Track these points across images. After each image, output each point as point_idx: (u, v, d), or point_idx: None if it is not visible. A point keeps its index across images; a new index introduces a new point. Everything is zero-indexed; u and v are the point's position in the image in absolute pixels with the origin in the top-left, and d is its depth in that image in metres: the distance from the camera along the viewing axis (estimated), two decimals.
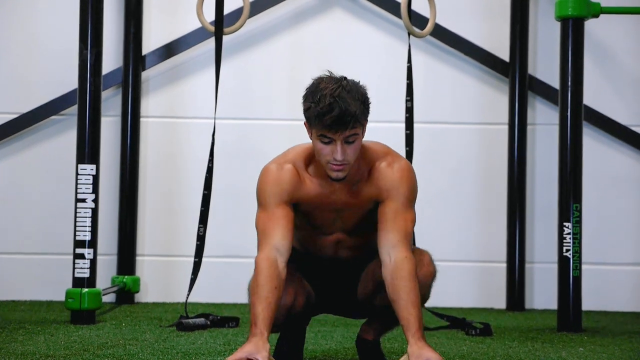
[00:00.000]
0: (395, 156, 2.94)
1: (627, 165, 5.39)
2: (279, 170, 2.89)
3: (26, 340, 3.68)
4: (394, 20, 5.32)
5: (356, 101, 2.75)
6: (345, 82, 2.78)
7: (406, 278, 2.79)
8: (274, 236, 2.82)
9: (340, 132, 2.74)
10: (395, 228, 2.84)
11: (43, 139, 5.35)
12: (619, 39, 5.40)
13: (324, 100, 2.73)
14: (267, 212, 2.86)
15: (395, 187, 2.88)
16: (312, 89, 2.80)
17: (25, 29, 5.37)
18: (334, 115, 2.71)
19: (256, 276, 2.79)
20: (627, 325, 4.69)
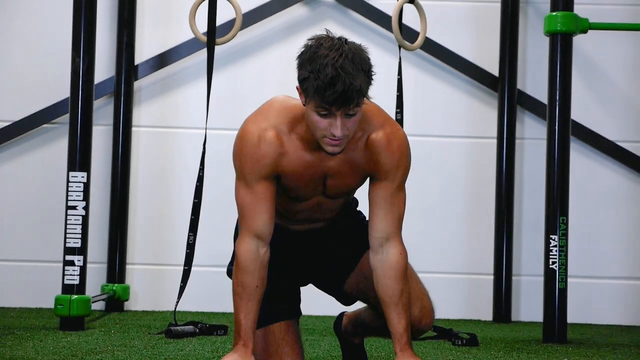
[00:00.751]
0: (392, 125, 2.71)
1: (613, 180, 5.42)
2: (260, 141, 2.63)
3: (15, 345, 3.68)
4: (384, 34, 5.35)
5: (360, 72, 2.48)
6: (347, 48, 2.49)
7: (398, 279, 2.68)
8: (256, 220, 2.66)
9: (342, 109, 2.49)
10: (390, 215, 2.68)
11: (35, 146, 5.36)
12: (608, 55, 5.44)
13: (324, 72, 2.44)
14: (247, 188, 2.66)
15: (393, 168, 2.68)
16: (310, 54, 2.50)
17: (18, 37, 5.39)
18: (337, 91, 2.43)
19: (237, 272, 2.68)
20: (611, 337, 4.71)
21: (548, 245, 4.35)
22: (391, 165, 2.68)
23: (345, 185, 2.75)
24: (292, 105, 2.67)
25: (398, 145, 2.68)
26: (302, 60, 2.52)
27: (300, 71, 2.52)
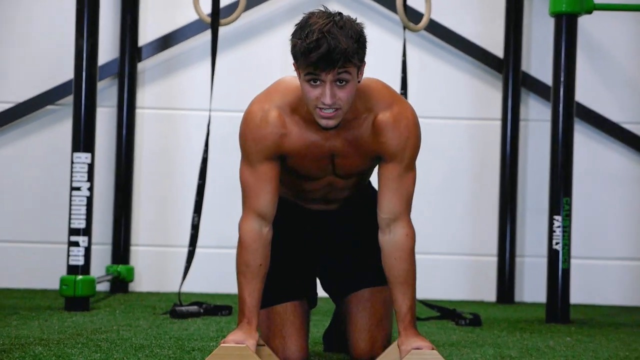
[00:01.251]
0: (400, 105, 2.69)
1: (618, 162, 5.42)
2: (262, 122, 2.65)
3: (20, 325, 3.70)
4: (389, 15, 5.35)
5: (348, 38, 2.47)
6: (339, 18, 2.50)
7: (404, 259, 2.70)
8: (259, 199, 2.68)
9: (328, 71, 2.48)
10: (397, 196, 2.68)
11: (39, 128, 5.37)
12: (613, 36, 5.43)
13: (311, 36, 2.46)
14: (251, 167, 2.68)
15: (400, 150, 2.67)
16: (301, 24, 2.53)
17: (22, 18, 5.39)
18: (321, 52, 2.45)
19: (240, 251, 2.70)
20: (614, 317, 4.73)
21: (551, 227, 4.36)
22: (398, 147, 2.67)
23: (354, 165, 2.75)
24: (297, 85, 2.65)
25: (405, 126, 2.67)
26: (294, 30, 2.56)
27: (291, 40, 2.55)
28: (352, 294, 2.95)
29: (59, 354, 2.97)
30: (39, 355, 2.95)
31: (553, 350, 3.44)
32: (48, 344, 3.20)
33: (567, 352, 3.40)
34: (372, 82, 2.72)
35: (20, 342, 3.22)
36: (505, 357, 3.20)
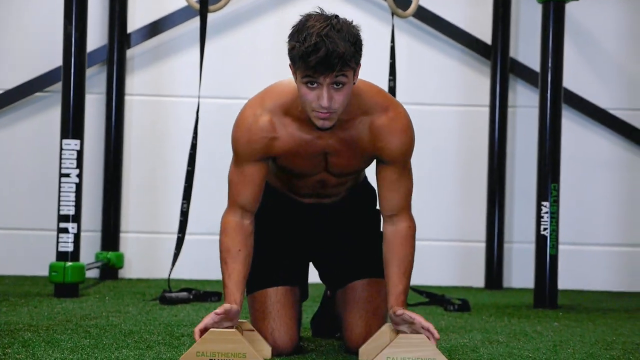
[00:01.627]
0: (395, 109, 2.74)
1: (605, 148, 5.44)
2: (253, 126, 2.70)
3: (10, 311, 3.70)
4: (377, 1, 5.34)
5: (346, 42, 2.50)
6: (336, 21, 2.53)
7: (404, 245, 2.77)
8: (242, 197, 2.76)
9: (326, 75, 2.51)
10: (398, 194, 2.77)
11: (28, 115, 5.36)
12: (600, 23, 5.44)
13: (309, 40, 2.48)
14: (237, 168, 2.76)
15: (399, 153, 2.73)
16: (299, 26, 2.55)
17: (10, 5, 5.37)
18: (319, 56, 2.47)
19: (222, 238, 2.77)
20: (601, 303, 4.74)
21: (539, 212, 4.38)
22: (397, 151, 2.74)
23: (347, 164, 2.80)
24: (291, 88, 2.70)
25: (401, 129, 2.73)
26: (292, 32, 2.57)
27: (289, 42, 2.57)
28: (349, 284, 2.98)
29: (48, 340, 2.98)
30: (28, 341, 2.95)
31: (541, 335, 3.46)
32: (37, 330, 3.20)
33: (555, 337, 3.41)
34: (365, 84, 2.75)
35: (10, 328, 3.22)
36: (493, 342, 3.22)
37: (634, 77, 5.46)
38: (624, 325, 3.83)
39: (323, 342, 3.15)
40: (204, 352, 2.57)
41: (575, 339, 3.36)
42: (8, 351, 2.76)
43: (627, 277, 5.41)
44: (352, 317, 2.93)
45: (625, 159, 5.43)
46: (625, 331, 3.64)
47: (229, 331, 2.60)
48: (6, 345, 2.85)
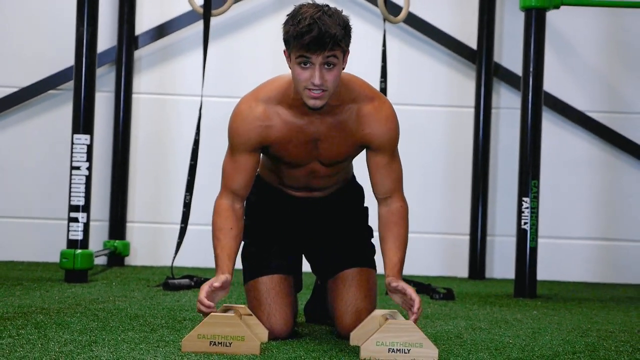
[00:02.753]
0: (380, 98, 2.79)
1: (582, 148, 5.45)
2: (249, 116, 2.73)
3: (23, 295, 3.70)
4: (370, 8, 5.34)
5: (337, 25, 2.56)
6: (327, 8, 2.60)
7: (398, 223, 2.78)
8: (234, 183, 2.78)
9: (318, 53, 2.56)
10: (389, 178, 2.79)
11: (41, 111, 5.36)
12: (579, 30, 5.45)
13: (303, 22, 2.54)
14: (233, 157, 2.78)
15: (385, 140, 2.76)
16: (293, 13, 2.62)
17: (25, 8, 5.36)
18: (313, 35, 2.53)
19: (214, 218, 2.78)
20: (578, 293, 4.76)
21: (520, 207, 4.38)
22: (383, 137, 2.77)
23: (337, 151, 2.79)
24: (283, 81, 2.74)
25: (387, 117, 2.76)
26: (286, 19, 2.63)
27: (284, 27, 2.62)
28: (338, 274, 2.97)
29: (59, 322, 2.98)
30: (40, 323, 2.95)
31: (520, 322, 3.46)
32: (49, 312, 3.20)
33: (534, 324, 3.42)
34: (353, 77, 2.79)
35: (23, 311, 3.22)
36: (476, 329, 3.23)
37: (609, 82, 5.46)
38: (599, 314, 3.84)
39: (316, 328, 3.16)
40: (205, 334, 2.57)
41: (553, 327, 3.36)
42: (22, 332, 2.76)
43: (601, 269, 5.42)
44: (342, 305, 2.93)
45: (601, 158, 5.44)
46: (600, 319, 3.65)
47: (228, 315, 2.60)
48: (20, 327, 2.86)
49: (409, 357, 2.56)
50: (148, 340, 2.72)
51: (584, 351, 2.82)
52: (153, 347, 2.61)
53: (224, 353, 2.54)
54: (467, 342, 2.92)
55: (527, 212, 4.36)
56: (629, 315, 3.85)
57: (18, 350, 2.46)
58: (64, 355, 2.43)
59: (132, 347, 2.58)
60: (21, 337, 2.68)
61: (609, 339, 3.10)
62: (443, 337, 3.00)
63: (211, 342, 2.56)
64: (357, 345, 2.73)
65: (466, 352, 2.73)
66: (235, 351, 2.55)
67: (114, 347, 2.58)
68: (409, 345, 2.57)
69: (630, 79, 5.45)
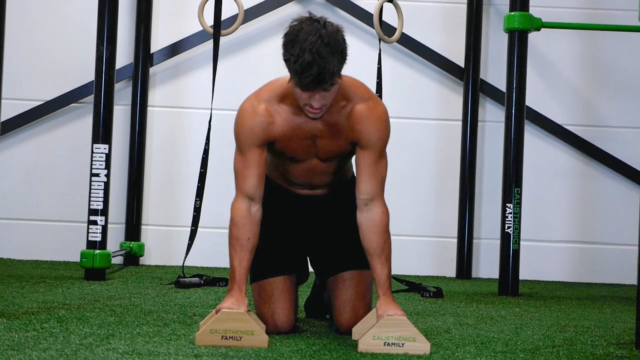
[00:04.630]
0: (374, 100, 2.70)
1: (561, 158, 5.45)
2: (253, 114, 2.66)
3: (46, 292, 3.70)
4: (366, 29, 5.35)
5: (334, 56, 2.47)
6: (324, 32, 2.47)
7: (381, 234, 2.69)
8: (247, 181, 2.69)
9: (318, 90, 2.51)
10: (373, 179, 2.68)
11: (64, 123, 5.36)
12: (558, 50, 5.45)
13: (302, 57, 2.45)
14: (242, 155, 2.70)
15: (374, 138, 2.67)
16: (292, 37, 2.49)
17: (50, 28, 5.37)
18: (312, 74, 2.45)
19: (231, 227, 2.71)
20: (557, 291, 4.75)
21: (504, 213, 4.38)
22: (372, 135, 2.67)
23: (333, 147, 2.73)
24: (284, 82, 2.68)
25: (378, 117, 2.68)
26: (286, 41, 2.52)
27: (284, 51, 2.53)
28: (338, 274, 2.93)
29: (79, 317, 2.97)
30: (62, 317, 2.95)
31: (504, 318, 3.46)
32: (70, 308, 3.20)
33: (517, 320, 3.42)
34: (351, 79, 2.71)
35: (47, 306, 3.21)
36: (463, 325, 3.22)
37: (586, 98, 5.47)
38: (576, 311, 3.83)
39: (316, 323, 3.15)
40: (217, 329, 2.57)
41: (534, 323, 3.36)
42: (45, 325, 2.75)
43: (578, 270, 5.42)
44: (341, 304, 2.91)
45: (578, 167, 5.44)
46: (577, 316, 3.65)
47: (238, 312, 2.60)
48: (43, 321, 2.85)
49: (403, 351, 2.55)
50: (161, 334, 2.71)
51: (562, 345, 2.82)
52: (166, 340, 2.61)
53: (235, 346, 2.54)
54: (455, 336, 2.92)
55: (511, 217, 4.36)
56: (604, 312, 3.85)
57: (42, 343, 2.46)
58: (83, 347, 2.43)
59: (147, 340, 2.57)
60: (45, 330, 2.67)
61: (585, 333, 3.09)
62: (433, 332, 3.00)
63: (223, 337, 2.56)
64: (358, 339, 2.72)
65: (454, 346, 2.73)
66: (245, 344, 2.55)
67: (129, 340, 2.57)
68: (403, 339, 2.57)
69: (605, 95, 5.46)
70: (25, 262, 5.11)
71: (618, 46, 5.43)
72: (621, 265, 5.35)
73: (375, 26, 4.36)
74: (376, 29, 4.36)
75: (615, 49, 5.44)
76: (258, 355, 2.44)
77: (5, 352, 2.31)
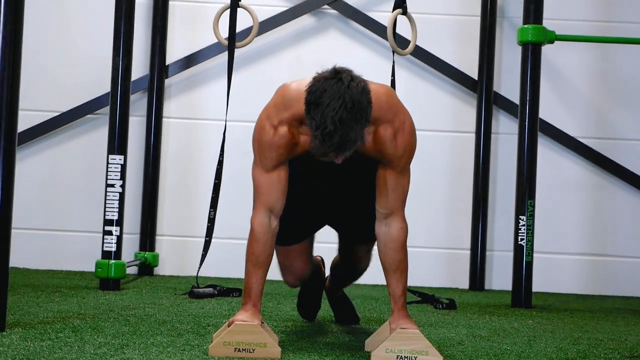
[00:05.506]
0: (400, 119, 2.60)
1: (574, 171, 5.43)
2: (275, 134, 2.57)
3: (62, 301, 3.71)
4: (380, 41, 5.35)
5: (358, 123, 2.37)
6: (349, 96, 2.36)
7: (398, 250, 2.65)
8: (269, 197, 2.63)
9: (340, 155, 2.43)
10: (394, 194, 2.62)
11: (80, 134, 5.38)
12: (571, 63, 5.44)
13: (324, 123, 2.35)
14: (263, 170, 2.62)
15: (398, 157, 2.59)
16: (316, 97, 2.39)
17: (67, 40, 5.40)
18: (334, 143, 2.36)
19: (251, 242, 2.66)
20: (570, 304, 4.73)
21: (517, 225, 4.37)
22: (395, 155, 2.59)
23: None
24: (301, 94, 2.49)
25: (403, 138, 2.59)
26: (309, 101, 2.42)
27: (306, 112, 2.42)
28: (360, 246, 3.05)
29: (94, 327, 2.98)
30: (77, 327, 2.95)
31: (517, 331, 3.44)
32: (85, 317, 3.20)
33: (530, 332, 3.40)
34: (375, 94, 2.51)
35: (62, 316, 3.22)
36: (476, 337, 3.21)
37: (599, 110, 5.45)
38: (589, 324, 3.81)
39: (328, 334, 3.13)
40: (230, 342, 2.57)
41: (547, 335, 3.34)
42: (60, 335, 2.76)
43: (592, 282, 5.39)
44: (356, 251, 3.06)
45: (591, 180, 5.42)
46: (590, 328, 3.63)
47: (251, 324, 2.60)
48: (58, 330, 2.85)
49: None
50: (175, 344, 2.71)
51: (575, 358, 2.80)
52: (180, 350, 2.60)
53: (248, 357, 2.54)
54: (468, 349, 2.90)
55: (524, 229, 4.34)
56: (617, 324, 3.83)
57: (57, 352, 2.46)
58: (98, 357, 2.43)
59: (161, 351, 2.57)
60: (60, 339, 2.68)
61: (598, 346, 3.08)
62: (446, 344, 2.98)
63: (236, 349, 2.56)
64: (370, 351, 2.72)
65: (467, 358, 2.72)
66: (258, 356, 2.55)
67: (144, 350, 2.57)
68: (415, 352, 2.56)
69: (618, 107, 5.44)
70: (41, 272, 5.12)
71: (631, 58, 5.42)
72: (634, 277, 5.32)
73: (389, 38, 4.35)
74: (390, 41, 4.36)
75: (628, 61, 5.43)
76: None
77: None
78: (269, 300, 4.11)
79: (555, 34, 4.44)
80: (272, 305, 3.94)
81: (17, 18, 2.82)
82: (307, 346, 2.82)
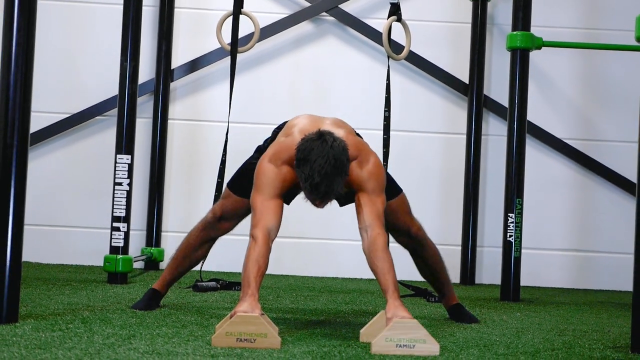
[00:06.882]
0: (364, 155, 2.89)
1: (561, 170, 5.44)
2: (278, 172, 2.85)
3: (71, 294, 3.71)
4: (375, 47, 5.35)
5: (340, 176, 2.72)
6: (331, 154, 2.70)
7: (380, 250, 2.77)
8: (267, 221, 2.80)
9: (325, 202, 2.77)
10: (369, 211, 2.82)
11: (89, 134, 5.38)
12: (557, 68, 5.45)
13: (312, 177, 2.69)
14: (264, 200, 2.83)
15: (365, 182, 2.85)
16: (304, 154, 2.72)
17: (77, 45, 5.40)
18: (320, 192, 2.71)
19: (253, 246, 2.76)
20: (556, 297, 4.74)
21: (506, 222, 4.37)
22: (363, 181, 2.84)
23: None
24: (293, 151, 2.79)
25: (367, 169, 2.85)
26: (299, 158, 2.74)
27: (297, 166, 2.75)
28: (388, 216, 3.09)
29: (102, 318, 2.98)
30: (87, 318, 2.96)
31: (506, 322, 3.45)
32: (94, 309, 3.21)
33: (517, 324, 3.41)
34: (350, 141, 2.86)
35: (72, 308, 3.22)
36: (467, 328, 3.21)
37: (584, 113, 5.46)
38: (574, 316, 3.82)
39: (327, 325, 3.14)
40: (232, 332, 2.57)
41: (534, 327, 3.35)
42: (70, 326, 2.77)
43: (577, 277, 5.40)
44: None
45: (577, 179, 5.43)
46: (575, 320, 3.64)
47: (252, 315, 2.61)
48: (69, 321, 2.86)
49: (414, 352, 2.56)
50: (180, 335, 2.72)
51: (561, 348, 2.81)
52: (184, 340, 2.61)
53: (249, 347, 2.54)
54: (459, 339, 2.91)
55: (512, 226, 4.35)
56: (600, 317, 3.83)
57: (67, 342, 2.47)
58: (106, 346, 2.43)
59: (166, 341, 2.58)
60: (70, 330, 2.68)
61: (583, 337, 3.08)
62: (438, 335, 2.99)
63: (238, 339, 2.57)
64: (366, 341, 2.73)
65: (458, 348, 2.72)
66: (259, 346, 2.56)
67: (150, 340, 2.58)
68: (414, 341, 2.59)
69: (602, 111, 5.45)
70: (52, 266, 5.13)
71: (615, 64, 5.43)
72: (617, 272, 5.33)
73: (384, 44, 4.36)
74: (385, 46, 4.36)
75: (612, 66, 5.44)
76: (271, 356, 2.44)
77: (33, 350, 2.32)
78: (269, 294, 4.12)
79: (542, 40, 4.44)
80: (272, 299, 3.95)
81: (29, 25, 2.83)
82: (306, 337, 2.83)
